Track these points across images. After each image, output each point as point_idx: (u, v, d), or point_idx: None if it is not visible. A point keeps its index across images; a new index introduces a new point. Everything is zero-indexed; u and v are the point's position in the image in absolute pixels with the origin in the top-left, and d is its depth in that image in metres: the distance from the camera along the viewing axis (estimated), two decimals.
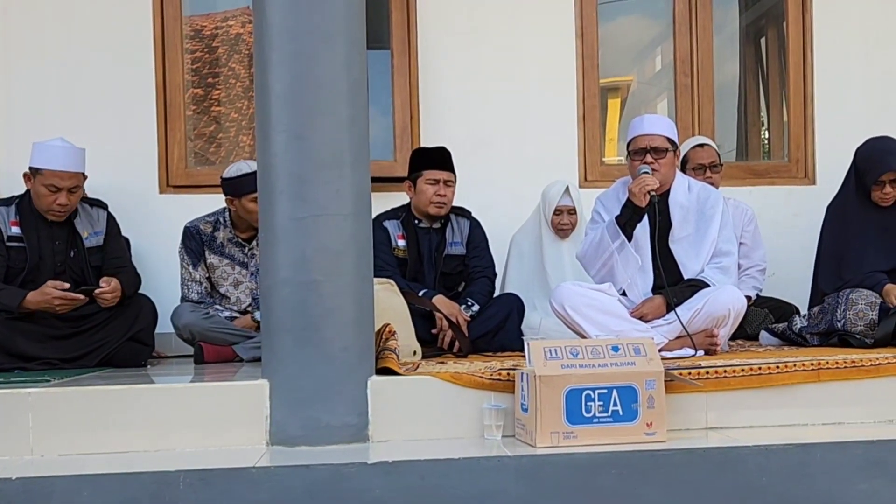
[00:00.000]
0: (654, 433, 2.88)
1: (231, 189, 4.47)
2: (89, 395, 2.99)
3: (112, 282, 4.11)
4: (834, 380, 3.19)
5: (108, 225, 4.34)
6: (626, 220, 3.89)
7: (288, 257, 2.99)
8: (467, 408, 3.05)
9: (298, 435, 2.95)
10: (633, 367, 2.90)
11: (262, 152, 3.06)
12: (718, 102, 5.74)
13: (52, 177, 4.06)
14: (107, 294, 4.08)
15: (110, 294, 4.09)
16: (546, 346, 2.93)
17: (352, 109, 3.05)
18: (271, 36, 3.03)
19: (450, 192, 4.55)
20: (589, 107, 5.59)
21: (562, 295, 3.90)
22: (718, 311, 3.77)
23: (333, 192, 2.99)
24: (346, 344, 2.99)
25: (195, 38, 5.65)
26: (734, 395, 3.13)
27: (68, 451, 2.92)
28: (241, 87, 5.76)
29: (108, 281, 4.10)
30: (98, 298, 4.08)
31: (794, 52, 5.69)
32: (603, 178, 5.46)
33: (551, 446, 2.81)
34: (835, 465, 2.78)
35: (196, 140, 5.68)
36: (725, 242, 4.00)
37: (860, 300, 3.97)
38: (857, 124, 5.29)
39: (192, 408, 3.00)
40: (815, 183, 5.60)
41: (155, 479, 2.61)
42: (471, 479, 2.68)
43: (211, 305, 4.57)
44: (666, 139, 3.97)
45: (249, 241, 4.58)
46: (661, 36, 6.24)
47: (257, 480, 2.63)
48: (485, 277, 4.63)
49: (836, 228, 4.31)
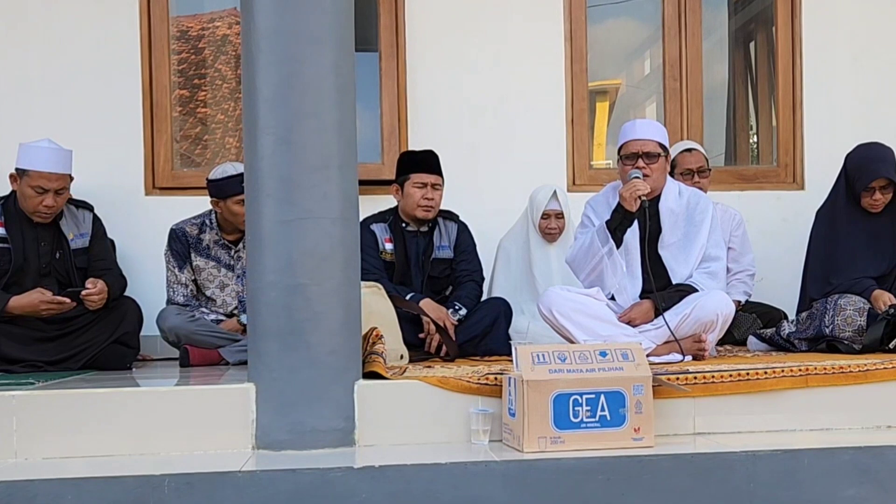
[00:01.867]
0: (641, 438, 2.88)
1: (216, 191, 4.46)
2: (74, 398, 2.97)
3: (98, 283, 4.09)
4: (822, 386, 3.19)
5: (94, 227, 4.32)
6: (616, 225, 3.89)
7: (275, 260, 2.97)
8: (454, 412, 3.04)
9: (284, 439, 2.93)
10: (620, 373, 2.90)
11: (250, 155, 3.05)
12: (707, 106, 5.74)
13: (38, 178, 4.04)
14: (93, 296, 4.06)
15: (97, 295, 4.07)
16: (534, 351, 2.92)
17: (340, 112, 3.04)
18: (259, 38, 3.02)
19: (437, 196, 4.54)
20: (578, 110, 5.58)
21: (550, 299, 3.89)
22: (706, 316, 3.76)
23: (321, 195, 2.98)
24: (333, 348, 2.98)
25: (181, 39, 5.63)
26: (722, 400, 3.13)
27: (52, 454, 2.89)
28: (228, 89, 5.74)
29: (94, 282, 4.08)
30: (85, 300, 4.06)
31: (784, 57, 5.70)
32: (591, 183, 5.47)
33: (539, 451, 2.80)
34: (823, 472, 2.77)
35: (182, 142, 5.66)
36: (714, 247, 4.00)
37: (848, 306, 3.98)
38: (847, 130, 5.33)
39: (178, 411, 2.98)
40: (804, 188, 5.60)
41: (140, 483, 2.59)
42: (458, 484, 2.67)
43: (197, 308, 4.54)
44: (658, 144, 3.97)
45: (236, 243, 4.56)
46: (650, 39, 6.23)
47: (243, 485, 2.62)
48: (472, 281, 4.62)
49: (825, 234, 4.32)
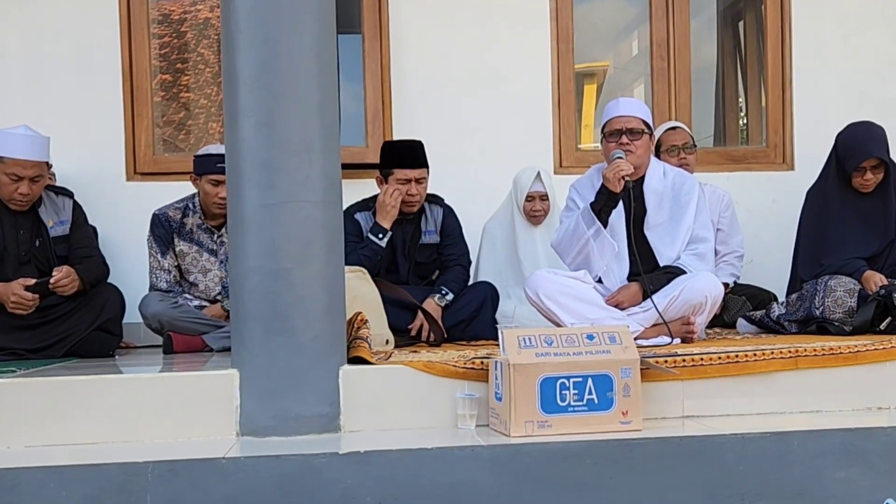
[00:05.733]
0: (629, 422, 2.86)
1: (196, 166, 4.45)
2: (56, 385, 2.96)
3: (63, 268, 4.01)
4: (812, 367, 3.18)
5: (75, 213, 4.26)
6: (601, 207, 3.84)
7: (257, 245, 2.95)
8: (440, 397, 3.02)
9: (269, 425, 2.92)
10: (608, 356, 2.88)
11: (231, 138, 3.02)
12: (695, 87, 5.70)
13: (13, 166, 3.98)
14: (62, 280, 3.98)
15: (66, 279, 3.99)
16: (520, 335, 2.90)
17: (321, 94, 3.01)
18: (238, 19, 2.98)
19: (421, 189, 4.47)
20: (564, 91, 5.54)
21: (536, 283, 3.85)
22: (695, 298, 3.73)
23: (303, 179, 2.95)
24: (317, 333, 2.96)
25: (163, 23, 5.57)
26: (711, 383, 3.12)
27: (34, 442, 2.89)
28: (211, 73, 5.69)
29: (58, 269, 4.01)
30: (56, 289, 3.99)
31: (773, 36, 5.67)
32: (578, 165, 5.42)
33: (525, 436, 2.79)
34: (812, 454, 2.76)
35: (165, 127, 5.61)
36: (701, 229, 3.97)
37: (839, 287, 3.96)
38: (836, 109, 5.30)
39: (161, 398, 2.96)
40: (794, 168, 5.59)
41: (123, 471, 2.58)
42: (444, 469, 2.66)
43: (180, 294, 4.50)
44: (641, 121, 3.93)
45: (219, 228, 4.51)
46: (637, 19, 6.20)
47: (227, 471, 2.61)
48: (459, 266, 4.57)
49: (815, 214, 4.30)
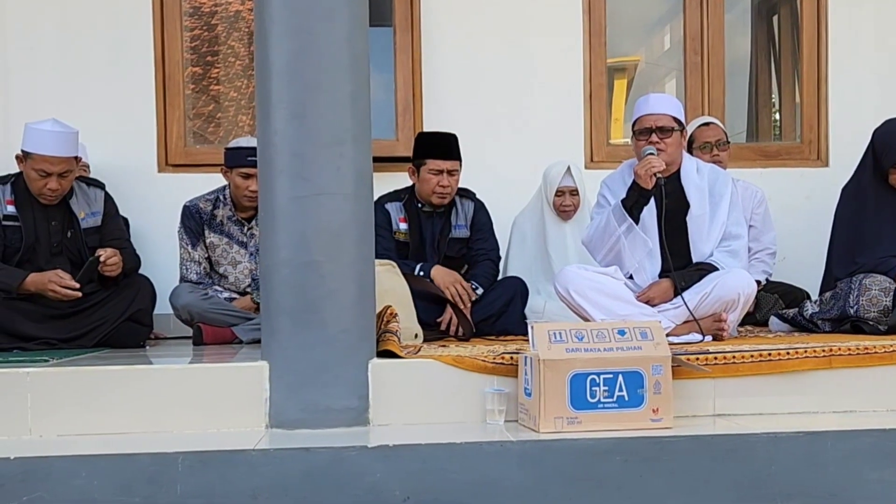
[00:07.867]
0: (660, 419, 2.84)
1: (227, 158, 4.45)
2: (88, 375, 2.98)
3: (108, 249, 4.04)
4: (846, 367, 3.14)
5: (106, 205, 4.27)
6: (633, 203, 3.81)
7: (288, 237, 2.95)
8: (469, 392, 3.01)
9: (298, 418, 2.92)
10: (639, 352, 2.85)
11: (262, 130, 3.02)
12: (729, 82, 5.65)
13: (41, 162, 3.97)
14: (111, 259, 4.01)
15: (114, 257, 4.02)
16: (550, 330, 2.88)
17: (353, 86, 3.00)
18: (272, 11, 2.98)
19: (454, 181, 4.46)
20: (596, 85, 5.51)
21: (566, 278, 3.83)
22: (728, 294, 3.70)
23: (334, 171, 2.95)
24: (347, 326, 2.95)
25: (194, 16, 5.59)
26: (743, 381, 3.09)
27: (66, 431, 2.90)
28: (241, 66, 5.71)
29: (103, 250, 4.03)
30: (104, 268, 4.01)
31: (808, 31, 5.61)
32: (609, 159, 5.40)
33: (555, 432, 2.77)
34: (845, 454, 2.73)
35: (195, 119, 5.63)
36: (734, 225, 3.93)
37: (874, 286, 3.90)
38: (873, 105, 5.26)
39: (191, 389, 2.97)
40: (828, 165, 5.53)
41: (153, 461, 2.60)
42: (472, 464, 2.65)
43: (210, 286, 4.52)
44: (672, 118, 3.89)
45: (249, 220, 4.52)
46: (670, 13, 6.16)
47: (256, 463, 2.61)
48: (489, 260, 4.57)
49: (850, 212, 4.23)
